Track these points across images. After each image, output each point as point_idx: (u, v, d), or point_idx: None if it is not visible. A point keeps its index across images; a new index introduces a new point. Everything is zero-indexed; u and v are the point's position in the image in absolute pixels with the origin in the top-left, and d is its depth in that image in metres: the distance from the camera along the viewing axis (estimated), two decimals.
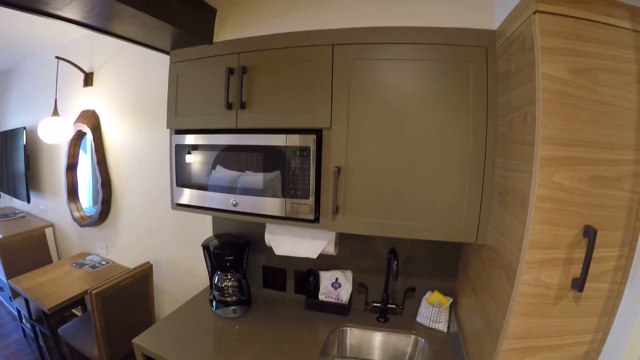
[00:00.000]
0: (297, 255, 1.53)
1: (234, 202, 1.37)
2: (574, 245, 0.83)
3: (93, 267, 2.42)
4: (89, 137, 2.34)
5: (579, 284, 0.83)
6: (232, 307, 1.64)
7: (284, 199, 1.30)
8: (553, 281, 0.86)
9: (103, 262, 2.49)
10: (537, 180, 0.80)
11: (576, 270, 0.84)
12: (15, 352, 2.55)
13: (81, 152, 2.66)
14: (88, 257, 2.56)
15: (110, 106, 2.28)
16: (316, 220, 1.33)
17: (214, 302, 1.67)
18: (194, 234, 2.02)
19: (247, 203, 1.36)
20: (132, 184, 2.27)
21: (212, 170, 1.40)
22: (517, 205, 0.92)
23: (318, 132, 1.28)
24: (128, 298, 2.02)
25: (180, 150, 1.45)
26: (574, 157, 0.80)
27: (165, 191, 2.05)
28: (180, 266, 2.21)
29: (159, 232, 2.23)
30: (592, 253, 0.79)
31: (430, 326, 1.64)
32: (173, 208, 1.54)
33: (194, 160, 1.43)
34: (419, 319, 1.68)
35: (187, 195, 1.47)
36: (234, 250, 1.64)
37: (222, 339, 1.49)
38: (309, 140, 1.26)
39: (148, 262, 2.14)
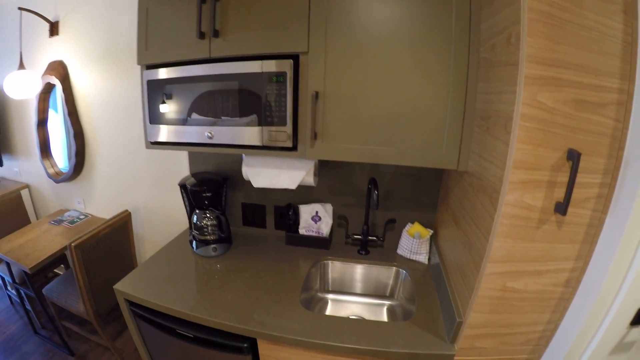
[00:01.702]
0: (276, 186, 1.51)
1: (209, 135, 1.33)
2: (558, 168, 0.83)
3: (72, 222, 2.38)
4: (59, 88, 2.25)
5: (562, 208, 0.84)
6: (213, 246, 1.64)
7: (261, 128, 1.27)
8: (536, 204, 0.87)
9: (82, 217, 2.45)
10: (521, 99, 0.80)
11: (559, 194, 0.86)
12: (3, 320, 2.53)
13: (52, 109, 2.57)
14: (66, 213, 2.52)
15: (78, 55, 2.19)
16: (294, 148, 1.31)
17: (194, 242, 1.66)
18: (171, 177, 1.99)
19: (223, 134, 1.33)
20: (106, 133, 2.22)
21: (186, 104, 1.35)
22: (500, 127, 0.92)
23: (295, 57, 1.24)
24: (109, 248, 2.01)
25: (152, 86, 1.40)
26: (558, 78, 0.79)
27: (139, 138, 2.00)
28: (160, 212, 2.20)
29: (136, 180, 2.20)
30: (575, 176, 0.80)
31: (411, 258, 1.66)
32: (147, 147, 1.50)
33: (166, 94, 1.38)
34: (399, 251, 1.71)
35: (161, 132, 1.42)
36: (211, 187, 1.62)
37: (204, 278, 1.49)
38: (286, 65, 1.22)
39: (126, 211, 2.12)
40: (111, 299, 1.97)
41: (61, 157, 2.71)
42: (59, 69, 2.24)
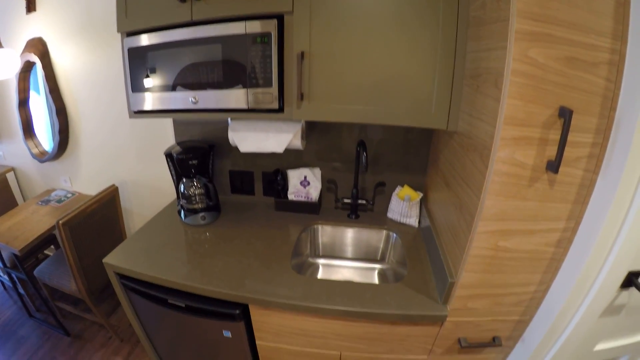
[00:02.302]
0: (263, 150, 1.48)
1: (193, 100, 1.29)
2: (549, 125, 0.82)
3: (59, 201, 2.34)
4: (39, 66, 2.17)
5: (554, 166, 0.83)
6: (201, 214, 1.61)
7: (246, 90, 1.23)
8: (528, 161, 0.86)
9: (69, 195, 2.41)
10: (512, 54, 0.77)
11: (551, 152, 0.85)
12: None
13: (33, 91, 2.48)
14: (53, 193, 2.47)
15: (57, 30, 2.10)
16: (280, 109, 1.27)
17: (182, 212, 1.64)
18: (156, 148, 1.95)
19: (208, 98, 1.28)
20: (89, 109, 2.15)
21: (168, 70, 1.30)
22: (490, 84, 0.90)
23: (279, 17, 1.19)
24: (97, 224, 1.98)
25: (133, 54, 1.35)
26: (549, 35, 0.77)
27: (122, 110, 1.95)
28: (147, 184, 2.16)
29: (122, 154, 2.15)
30: (567, 133, 0.79)
31: (401, 221, 1.65)
32: (131, 117, 1.45)
33: (148, 61, 1.33)
34: (389, 214, 1.70)
35: (144, 100, 1.38)
36: (197, 154, 1.59)
37: (194, 247, 1.47)
38: (270, 26, 1.17)
39: (113, 185, 2.08)
40: (103, 275, 1.96)
41: (45, 136, 2.65)
42: (38, 46, 2.15)
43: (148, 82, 1.34)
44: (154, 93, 1.35)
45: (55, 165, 2.49)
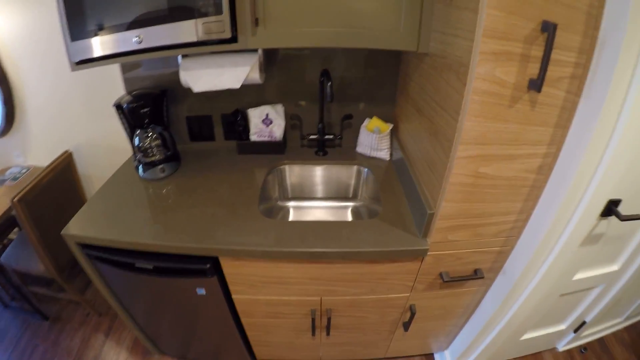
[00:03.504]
0: (219, 87, 1.35)
1: (137, 39, 1.15)
2: (532, 40, 0.76)
3: (14, 179, 2.16)
4: None
5: (537, 84, 0.79)
6: (160, 166, 1.50)
7: (195, 20, 1.10)
8: (509, 79, 0.81)
9: (24, 171, 2.24)
10: None
11: (533, 70, 0.80)
12: None
13: None
14: (7, 172, 2.29)
15: None
16: (234, 39, 1.14)
17: (140, 167, 1.52)
18: (108, 105, 1.78)
19: (153, 35, 1.14)
20: (32, 74, 1.95)
21: (108, 9, 1.15)
22: None
23: None
24: (56, 195, 1.84)
25: None
26: None
27: (68, 70, 1.76)
28: (102, 145, 2.03)
29: (74, 117, 1.99)
30: (551, 49, 0.73)
31: (371, 155, 1.60)
32: (72, 69, 1.28)
33: (85, 2, 1.16)
34: (359, 148, 1.64)
35: (85, 48, 1.22)
36: (149, 101, 1.45)
37: (155, 202, 1.37)
38: None
39: (66, 151, 1.94)
40: (70, 250, 1.84)
41: None
42: None
43: (87, 27, 1.19)
44: (94, 38, 1.20)
45: (5, 141, 2.29)
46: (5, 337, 2.07)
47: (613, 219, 1.04)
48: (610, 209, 1.01)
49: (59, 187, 1.86)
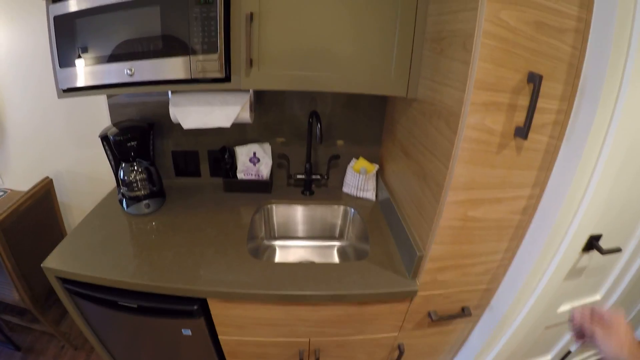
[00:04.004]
0: (208, 125, 1.33)
1: (129, 72, 1.14)
2: (519, 90, 0.82)
3: None
4: None
5: (523, 132, 0.83)
6: (145, 202, 1.47)
7: (188, 57, 1.10)
8: (497, 127, 0.85)
9: (1, 194, 2.16)
10: (484, 15, 0.74)
11: (519, 118, 0.85)
12: None
13: None
14: None
15: None
16: (227, 78, 1.15)
17: (124, 201, 1.49)
18: (92, 133, 1.75)
19: (145, 69, 1.14)
20: (15, 92, 1.90)
21: (101, 39, 1.14)
22: (457, 47, 0.86)
23: None
24: (34, 223, 1.78)
25: (60, 23, 1.16)
26: None
27: (53, 92, 1.72)
28: (84, 174, 1.98)
29: (55, 141, 1.94)
30: (537, 99, 0.79)
31: (358, 195, 1.61)
32: (59, 96, 1.27)
33: (77, 30, 1.15)
34: (345, 189, 1.65)
35: (74, 76, 1.20)
36: (136, 134, 1.43)
37: (140, 239, 1.34)
38: None
39: (47, 177, 1.88)
40: (46, 280, 1.75)
41: None
42: None
43: (77, 55, 1.18)
44: (85, 67, 1.18)
45: None
46: None
47: (594, 252, 1.08)
48: (592, 243, 1.06)
49: (37, 214, 1.80)
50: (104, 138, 1.43)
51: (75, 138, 1.89)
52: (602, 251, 1.04)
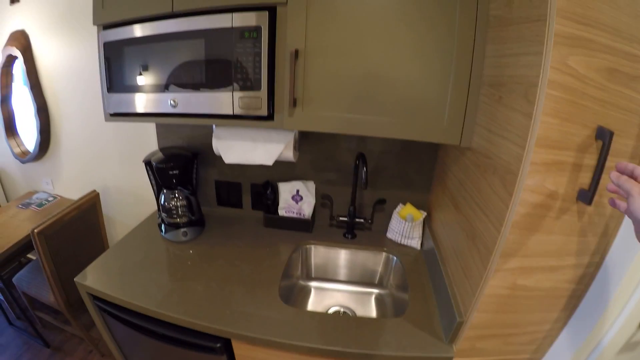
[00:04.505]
0: (250, 162, 1.34)
1: (172, 103, 1.16)
2: (585, 148, 0.71)
3: (40, 205, 2.21)
4: (20, 60, 2.04)
5: (587, 196, 0.73)
6: (183, 230, 1.48)
7: (232, 93, 1.10)
8: (558, 189, 0.76)
9: (50, 199, 2.28)
10: (549, 62, 0.65)
11: (583, 179, 0.74)
12: None
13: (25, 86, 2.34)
14: (35, 196, 2.34)
15: (39, 23, 1.97)
16: (270, 117, 1.14)
17: (163, 226, 1.50)
18: (140, 153, 1.80)
19: (189, 102, 1.15)
20: (71, 107, 2.03)
21: (147, 67, 1.17)
22: (518, 96, 0.78)
23: (271, 9, 1.05)
24: (77, 233, 1.84)
25: (110, 49, 1.21)
26: (590, 40, 0.65)
27: (102, 112, 1.82)
28: (130, 191, 2.04)
29: (104, 157, 2.03)
30: (606, 158, 0.69)
31: (402, 242, 1.53)
32: (107, 120, 1.32)
33: (124, 57, 1.19)
34: (389, 234, 1.58)
35: (121, 102, 1.25)
36: (179, 163, 1.45)
37: (174, 266, 1.34)
38: (261, 19, 1.03)
39: (94, 191, 1.94)
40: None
41: (33, 140, 2.52)
42: (21, 39, 2.02)
43: (124, 82, 1.21)
44: (130, 94, 1.22)
45: (37, 166, 2.37)
46: (4, 354, 2.05)
47: None
48: None
49: (81, 225, 1.86)
50: (148, 163, 1.46)
51: (122, 156, 1.96)
52: None
